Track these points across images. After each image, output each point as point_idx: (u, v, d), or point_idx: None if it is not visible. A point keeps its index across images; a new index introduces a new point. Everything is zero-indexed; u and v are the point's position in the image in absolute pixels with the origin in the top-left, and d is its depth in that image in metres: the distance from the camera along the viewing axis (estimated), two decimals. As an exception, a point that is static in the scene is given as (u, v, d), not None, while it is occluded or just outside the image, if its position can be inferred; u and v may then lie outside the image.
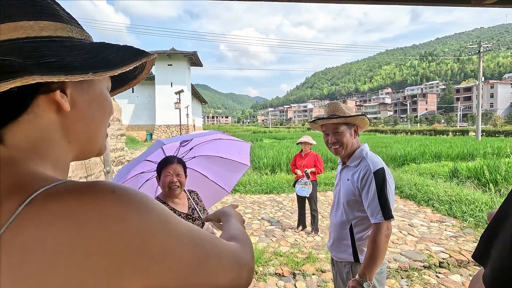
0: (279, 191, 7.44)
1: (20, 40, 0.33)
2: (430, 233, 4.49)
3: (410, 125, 75.03)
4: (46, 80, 0.31)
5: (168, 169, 1.67)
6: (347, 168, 1.65)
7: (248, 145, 2.24)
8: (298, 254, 3.79)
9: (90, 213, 0.31)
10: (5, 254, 0.28)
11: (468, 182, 7.28)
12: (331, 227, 1.74)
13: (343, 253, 1.63)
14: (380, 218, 1.43)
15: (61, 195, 0.31)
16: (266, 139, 28.39)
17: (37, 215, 0.29)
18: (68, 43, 0.37)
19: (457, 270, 3.40)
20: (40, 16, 0.36)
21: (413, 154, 11.93)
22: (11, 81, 0.29)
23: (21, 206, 0.30)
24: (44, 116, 0.36)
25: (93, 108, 0.42)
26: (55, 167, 0.39)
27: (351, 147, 1.61)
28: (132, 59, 0.38)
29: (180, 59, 31.92)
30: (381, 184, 1.46)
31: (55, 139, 0.38)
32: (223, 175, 2.25)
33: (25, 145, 0.35)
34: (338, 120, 1.57)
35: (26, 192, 0.31)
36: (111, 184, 0.34)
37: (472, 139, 21.43)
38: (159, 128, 30.76)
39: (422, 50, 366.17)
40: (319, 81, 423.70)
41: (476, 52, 27.48)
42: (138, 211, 0.33)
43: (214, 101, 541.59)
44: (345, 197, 1.61)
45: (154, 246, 0.33)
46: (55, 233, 0.29)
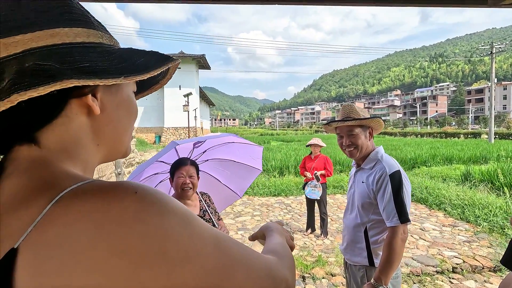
0: (288, 194, 7.41)
1: (56, 46, 0.35)
2: (442, 237, 4.41)
3: (420, 127, 73.84)
4: (83, 83, 0.32)
5: (181, 171, 1.69)
6: (362, 170, 1.63)
7: (261, 149, 2.24)
8: (307, 257, 3.77)
9: (111, 213, 0.31)
10: (32, 252, 0.28)
11: (482, 186, 7.11)
12: (345, 230, 1.72)
13: (357, 256, 1.60)
14: (396, 221, 1.41)
15: (85, 195, 0.32)
16: (273, 141, 28.36)
17: (63, 213, 0.30)
18: (99, 49, 0.38)
19: (471, 276, 3.32)
20: (75, 23, 0.37)
21: (424, 157, 11.73)
22: (52, 84, 0.31)
23: (49, 205, 0.31)
24: (75, 119, 0.38)
25: (120, 111, 0.43)
26: (84, 169, 0.40)
27: (366, 149, 1.60)
28: (159, 64, 0.39)
29: (189, 62, 32.24)
30: (398, 187, 1.44)
31: (85, 141, 0.40)
32: (235, 179, 2.26)
33: (57, 146, 0.37)
34: (353, 123, 1.56)
35: (55, 191, 0.32)
36: (134, 185, 0.35)
37: (485, 142, 20.95)
38: (168, 130, 31.06)
39: (432, 52, 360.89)
40: (327, 83, 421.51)
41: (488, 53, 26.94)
42: (160, 212, 0.33)
43: (221, 103, 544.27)
44: (359, 199, 1.58)
45: (175, 250, 0.32)
46: (78, 232, 0.29)
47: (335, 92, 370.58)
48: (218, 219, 1.89)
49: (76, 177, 0.35)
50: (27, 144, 0.36)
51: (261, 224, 5.16)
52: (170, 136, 30.76)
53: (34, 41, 0.33)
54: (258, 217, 5.64)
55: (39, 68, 0.32)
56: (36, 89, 0.30)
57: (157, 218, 0.32)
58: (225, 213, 5.84)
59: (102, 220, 0.30)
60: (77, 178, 0.35)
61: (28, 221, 0.30)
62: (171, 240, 0.32)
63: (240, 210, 6.07)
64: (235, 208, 6.23)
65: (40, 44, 0.34)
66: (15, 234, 0.29)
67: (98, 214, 0.30)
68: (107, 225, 0.30)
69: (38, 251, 0.29)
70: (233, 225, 5.16)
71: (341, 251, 1.77)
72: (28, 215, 0.30)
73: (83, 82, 0.32)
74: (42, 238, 0.29)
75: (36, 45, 0.33)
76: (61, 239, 0.29)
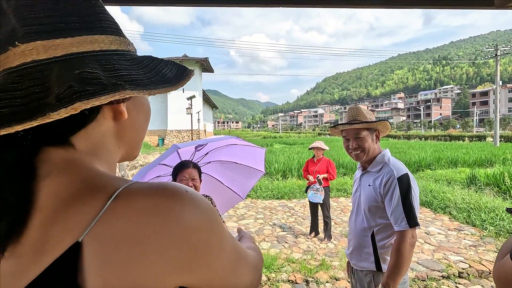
0: (291, 197, 7.38)
1: (95, 53, 0.36)
2: (448, 241, 4.35)
3: (424, 130, 73.38)
4: (136, 94, 0.34)
5: (183, 173, 1.70)
6: (368, 173, 1.60)
7: (263, 151, 2.24)
8: (311, 261, 3.74)
9: (171, 209, 0.34)
10: (98, 244, 0.30)
11: (487, 190, 7.02)
12: (351, 235, 1.69)
13: (364, 261, 1.56)
14: (404, 225, 1.38)
15: (141, 192, 0.34)
16: (276, 144, 28.32)
17: (125, 209, 0.32)
18: (128, 57, 0.39)
19: (478, 281, 3.27)
20: (109, 31, 0.39)
21: (428, 160, 11.64)
22: (111, 94, 0.32)
23: (108, 201, 0.32)
24: (105, 123, 0.39)
25: (141, 116, 0.46)
26: (109, 170, 0.42)
27: (373, 152, 1.57)
28: (183, 76, 0.41)
29: (192, 65, 32.40)
30: (406, 190, 1.41)
31: (110, 144, 0.42)
32: (238, 181, 2.26)
33: (89, 149, 0.38)
34: (360, 125, 1.53)
35: (109, 189, 0.34)
36: (181, 185, 0.38)
37: (490, 145, 20.74)
38: (171, 133, 31.19)
39: (435, 54, 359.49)
40: (330, 86, 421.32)
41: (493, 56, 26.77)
42: (207, 210, 0.37)
43: (224, 106, 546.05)
44: (366, 203, 1.55)
45: (217, 241, 0.38)
46: (143, 226, 0.31)
47: (338, 95, 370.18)
48: None
49: (120, 178, 0.38)
50: (60, 146, 0.36)
51: (264, 227, 5.15)
52: (173, 139, 30.88)
53: (74, 46, 0.34)
54: (261, 220, 5.62)
55: (91, 76, 0.32)
56: (98, 98, 0.31)
57: (206, 214, 0.37)
58: (228, 216, 5.83)
59: (164, 214, 0.33)
60: (122, 179, 0.37)
61: (89, 216, 0.31)
62: (214, 233, 0.37)
63: (243, 213, 6.05)
64: (238, 211, 6.21)
65: (80, 49, 0.35)
66: (76, 229, 0.31)
67: (159, 210, 0.33)
68: (168, 219, 0.33)
69: (104, 243, 0.30)
70: (236, 228, 5.14)
71: (346, 255, 1.73)
72: (88, 211, 0.32)
73: (137, 93, 0.34)
74: (108, 231, 0.31)
75: (76, 50, 0.34)
76: (127, 232, 0.31)
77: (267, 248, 4.19)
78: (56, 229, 0.31)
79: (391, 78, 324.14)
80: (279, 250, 4.11)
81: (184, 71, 0.42)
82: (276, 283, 3.23)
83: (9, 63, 0.33)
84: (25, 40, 0.33)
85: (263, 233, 4.86)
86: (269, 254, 3.89)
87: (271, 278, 3.31)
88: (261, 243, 4.42)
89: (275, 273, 3.42)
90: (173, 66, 0.42)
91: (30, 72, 0.32)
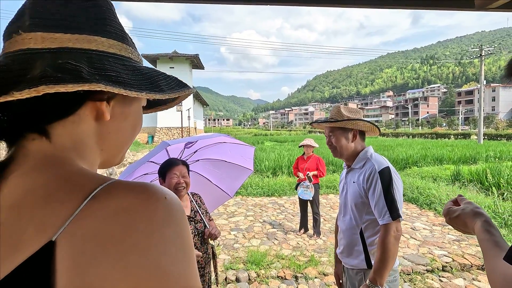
0: (281, 194, 7.43)
1: (90, 51, 0.37)
2: (432, 236, 4.48)
3: (412, 128, 74.89)
4: (109, 90, 0.34)
5: (174, 171, 1.69)
6: (353, 170, 1.61)
7: (252, 149, 2.24)
8: (300, 257, 3.79)
9: (144, 212, 0.33)
10: (69, 244, 0.30)
11: (471, 186, 7.25)
12: (340, 234, 1.68)
13: (354, 259, 1.56)
14: (388, 218, 1.39)
15: (119, 193, 0.34)
16: (267, 142, 28.40)
17: (99, 209, 0.32)
18: (127, 63, 0.40)
19: (460, 274, 3.38)
20: (112, 35, 0.40)
21: (415, 157, 11.91)
22: (81, 84, 0.32)
23: (86, 200, 0.32)
24: (86, 121, 0.39)
25: (128, 122, 0.45)
26: (91, 169, 0.41)
27: (348, 150, 1.59)
28: (178, 89, 0.42)
29: (182, 61, 32.07)
30: (387, 183, 1.42)
31: (91, 144, 0.41)
32: (226, 179, 2.26)
33: (69, 145, 0.38)
34: (331, 124, 1.59)
35: (87, 188, 0.34)
36: (163, 189, 0.37)
37: (474, 143, 21.38)
38: (161, 130, 30.82)
39: (423, 54, 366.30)
40: (320, 84, 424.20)
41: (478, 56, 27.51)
42: (180, 222, 0.36)
43: (215, 103, 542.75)
44: (352, 200, 1.56)
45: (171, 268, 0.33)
46: (112, 227, 0.31)
47: (329, 93, 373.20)
48: (209, 220, 1.88)
49: (101, 176, 0.37)
50: (37, 135, 0.37)
51: (254, 225, 5.17)
52: (163, 136, 30.53)
53: (71, 41, 0.36)
54: (251, 217, 5.64)
55: (71, 67, 0.33)
56: (65, 85, 0.31)
57: (177, 227, 0.35)
58: (218, 213, 5.82)
59: (136, 217, 0.32)
60: (103, 177, 0.36)
61: (64, 215, 0.31)
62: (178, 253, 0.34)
63: (234, 211, 6.06)
64: (228, 208, 6.21)
65: (76, 46, 0.36)
66: (50, 227, 0.30)
67: (132, 211, 0.32)
68: (138, 222, 0.32)
69: (75, 243, 0.30)
70: (226, 225, 5.14)
71: (338, 255, 1.72)
72: (63, 209, 0.31)
73: (110, 88, 0.34)
74: (80, 231, 0.30)
75: (72, 45, 0.36)
76: (96, 233, 0.31)
77: (257, 245, 4.22)
78: (31, 227, 0.30)
79: (380, 76, 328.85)
80: (268, 247, 4.14)
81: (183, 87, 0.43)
82: (265, 279, 3.26)
83: (10, 48, 0.36)
84: (27, 30, 0.35)
85: (253, 230, 4.89)
86: (259, 251, 3.91)
87: (261, 274, 3.34)
88: (251, 240, 4.44)
89: (265, 269, 3.45)
90: (173, 81, 0.43)
91: (23, 57, 0.34)
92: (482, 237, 0.70)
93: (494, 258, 0.63)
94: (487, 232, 0.70)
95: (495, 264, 0.62)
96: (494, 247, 0.66)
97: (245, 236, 4.63)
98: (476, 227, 0.74)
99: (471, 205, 0.80)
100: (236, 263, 3.62)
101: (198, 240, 1.74)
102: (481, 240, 0.71)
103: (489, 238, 0.69)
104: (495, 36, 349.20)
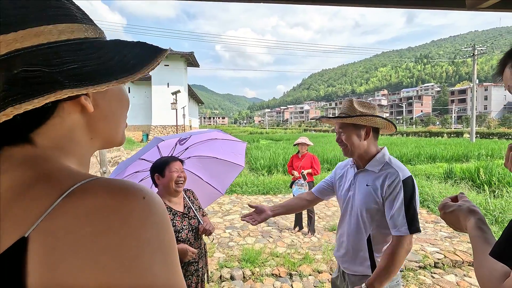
0: (276, 192, 7.45)
1: (41, 46, 0.33)
2: (425, 233, 4.53)
3: (406, 126, 75.65)
4: (77, 93, 0.32)
5: (174, 165, 1.73)
6: (366, 172, 1.47)
7: (244, 145, 2.23)
8: (294, 255, 3.80)
9: (119, 213, 0.32)
10: (41, 241, 0.29)
11: (463, 183, 7.36)
12: (343, 236, 1.56)
13: (359, 266, 1.46)
14: (404, 231, 1.30)
15: (96, 191, 0.33)
16: (263, 140, 28.40)
17: (74, 206, 0.31)
18: (85, 45, 0.36)
19: (452, 270, 3.43)
20: (57, 19, 0.35)
21: (409, 155, 12.04)
22: (46, 96, 0.30)
23: (60, 197, 0.31)
24: (69, 118, 0.38)
25: (113, 105, 0.44)
26: (80, 163, 0.41)
27: (360, 149, 1.45)
28: (149, 60, 0.38)
29: (177, 59, 31.84)
30: (411, 194, 1.33)
31: (80, 137, 0.40)
32: (217, 176, 2.25)
33: (52, 144, 0.37)
34: (339, 120, 1.44)
35: (64, 185, 0.33)
36: (143, 189, 0.35)
37: (467, 141, 21.66)
38: (155, 128, 30.64)
39: (417, 53, 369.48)
40: (316, 83, 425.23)
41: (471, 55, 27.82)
42: (159, 223, 0.34)
43: (211, 101, 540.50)
44: (363, 204, 1.43)
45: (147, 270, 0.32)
46: (85, 225, 0.30)
47: (324, 91, 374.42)
48: (203, 215, 1.89)
49: (81, 173, 0.36)
50: (21, 144, 0.36)
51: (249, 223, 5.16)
52: (158, 134, 30.31)
53: (18, 41, 0.31)
54: (246, 215, 5.64)
55: (29, 76, 0.31)
56: (30, 101, 0.30)
57: (155, 229, 0.34)
58: (213, 211, 5.82)
59: (110, 217, 0.31)
60: (83, 175, 0.36)
61: (37, 212, 0.30)
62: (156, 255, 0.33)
63: (229, 209, 6.06)
64: (223, 206, 6.21)
65: (24, 44, 0.32)
66: (24, 224, 0.30)
67: (106, 211, 0.31)
68: (112, 223, 0.31)
69: (47, 240, 0.29)
70: (221, 223, 5.14)
71: (336, 258, 1.62)
72: (38, 206, 0.31)
73: (77, 91, 0.32)
74: (51, 228, 0.30)
75: (20, 46, 0.31)
76: (68, 230, 0.30)
77: (252, 243, 4.23)
78: (6, 223, 0.30)
79: (375, 75, 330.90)
80: (263, 245, 4.16)
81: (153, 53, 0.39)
82: (260, 277, 3.27)
83: None
84: None
85: (248, 228, 4.89)
86: (254, 248, 3.92)
87: (255, 272, 3.35)
88: (246, 238, 4.45)
89: (260, 267, 3.46)
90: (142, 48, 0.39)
91: None
92: (474, 233, 0.72)
93: (482, 254, 0.65)
94: (479, 229, 0.72)
95: (483, 259, 0.64)
96: (484, 244, 0.67)
97: (240, 234, 4.63)
98: (469, 224, 0.75)
99: (468, 203, 0.82)
100: (231, 261, 3.62)
101: (192, 235, 1.75)
102: (472, 237, 0.72)
103: (480, 235, 0.70)
104: (488, 35, 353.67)
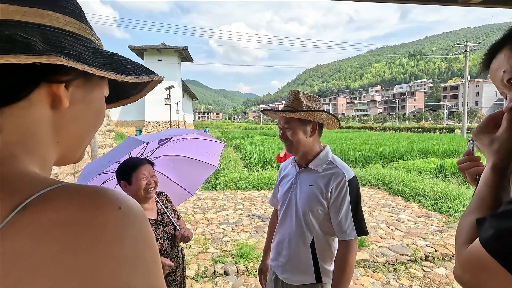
0: (270, 188, 7.47)
1: (43, 27, 0.32)
2: (416, 228, 4.61)
3: (399, 122, 76.40)
4: (71, 65, 0.29)
5: (142, 171, 1.53)
6: (309, 171, 1.36)
7: (221, 146, 2.14)
8: (288, 250, 3.83)
9: (89, 227, 0.27)
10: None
11: (453, 178, 7.49)
12: (282, 243, 1.40)
13: (302, 275, 1.34)
14: (353, 235, 1.24)
15: (59, 201, 0.28)
16: (257, 135, 28.40)
17: (31, 222, 0.26)
18: (87, 44, 0.36)
19: (442, 264, 3.50)
20: (68, 12, 0.35)
21: (402, 151, 12.18)
22: (37, 56, 0.28)
23: (13, 212, 0.26)
24: (38, 108, 0.33)
25: (89, 112, 0.40)
26: (42, 167, 0.35)
27: (305, 146, 1.34)
28: (144, 75, 0.38)
29: (171, 54, 31.49)
30: (356, 196, 1.27)
31: (44, 136, 0.35)
32: (187, 177, 2.14)
33: (15, 136, 0.32)
34: (287, 114, 1.30)
35: (21, 195, 0.28)
36: (118, 197, 0.31)
37: (458, 137, 22.00)
38: (149, 124, 30.36)
39: (411, 49, 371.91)
40: (310, 78, 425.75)
41: (463, 51, 28.12)
42: (137, 238, 0.30)
43: (205, 97, 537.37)
44: (306, 205, 1.32)
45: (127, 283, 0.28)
46: (45, 246, 0.25)
47: (318, 87, 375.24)
48: (178, 219, 1.76)
49: (43, 180, 0.31)
50: None
51: (243, 218, 5.19)
52: (152, 130, 30.11)
53: (19, 14, 0.31)
54: (240, 211, 5.65)
55: (22, 40, 0.29)
56: (17, 56, 0.27)
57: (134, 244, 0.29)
58: (207, 207, 5.82)
59: (78, 233, 0.26)
60: (44, 181, 0.30)
61: None
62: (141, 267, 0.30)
63: (223, 204, 6.06)
64: (217, 202, 6.21)
65: (24, 19, 0.31)
66: None
67: (74, 226, 0.27)
68: (81, 240, 0.26)
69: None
70: (215, 219, 5.14)
71: (273, 267, 1.45)
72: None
73: (73, 64, 0.29)
74: (4, 251, 0.24)
75: (19, 18, 0.30)
76: (23, 253, 0.24)
77: (246, 238, 4.24)
78: None
79: (369, 71, 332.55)
80: (257, 240, 4.17)
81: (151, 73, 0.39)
82: (254, 272, 3.29)
83: None
84: None
85: (242, 223, 4.91)
86: (248, 244, 3.94)
87: (249, 267, 3.37)
88: (240, 233, 4.46)
89: (253, 262, 3.48)
90: (140, 67, 0.39)
91: None
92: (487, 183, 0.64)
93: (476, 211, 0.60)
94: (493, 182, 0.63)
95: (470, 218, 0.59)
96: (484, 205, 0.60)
97: (234, 229, 4.64)
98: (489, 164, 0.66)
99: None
100: (225, 256, 3.63)
101: (168, 244, 1.58)
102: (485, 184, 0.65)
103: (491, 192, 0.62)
104: (480, 32, 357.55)
